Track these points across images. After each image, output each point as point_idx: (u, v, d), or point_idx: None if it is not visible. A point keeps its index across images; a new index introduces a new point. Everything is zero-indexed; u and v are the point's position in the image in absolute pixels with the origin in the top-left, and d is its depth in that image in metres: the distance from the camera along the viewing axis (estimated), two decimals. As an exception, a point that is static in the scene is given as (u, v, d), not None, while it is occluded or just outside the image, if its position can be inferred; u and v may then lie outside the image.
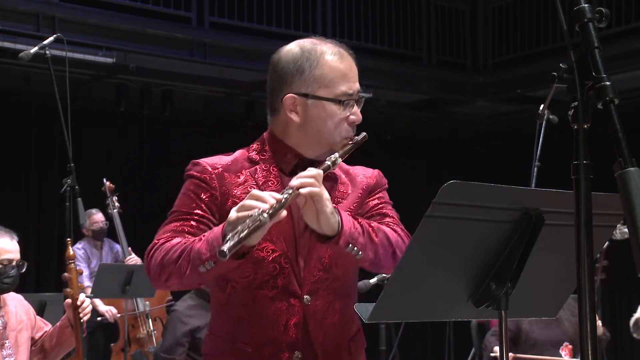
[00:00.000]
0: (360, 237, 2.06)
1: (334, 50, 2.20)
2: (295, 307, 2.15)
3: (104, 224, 7.40)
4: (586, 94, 1.53)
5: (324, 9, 9.04)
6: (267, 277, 2.14)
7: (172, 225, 2.17)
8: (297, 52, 2.19)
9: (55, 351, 3.67)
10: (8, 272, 3.61)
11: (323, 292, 2.17)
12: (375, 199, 2.28)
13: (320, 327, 2.17)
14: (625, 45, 8.26)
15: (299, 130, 2.18)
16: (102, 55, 7.60)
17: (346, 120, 2.18)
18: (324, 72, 2.16)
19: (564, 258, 1.89)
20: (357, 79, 2.22)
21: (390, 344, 6.85)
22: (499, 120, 10.80)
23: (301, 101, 2.16)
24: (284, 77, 2.18)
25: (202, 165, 2.20)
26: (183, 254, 2.05)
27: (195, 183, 2.19)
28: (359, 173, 2.31)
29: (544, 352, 5.14)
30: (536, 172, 5.26)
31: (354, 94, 2.19)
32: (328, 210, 2.01)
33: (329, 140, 2.18)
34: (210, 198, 2.17)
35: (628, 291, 9.46)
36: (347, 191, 2.24)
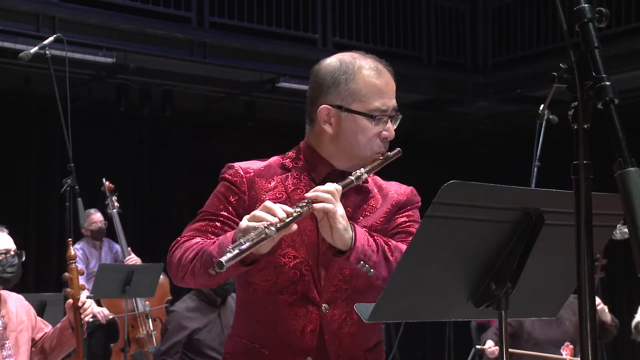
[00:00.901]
0: (373, 255, 2.08)
1: (371, 66, 2.23)
2: (313, 315, 2.18)
3: (102, 224, 7.39)
4: (586, 94, 1.53)
5: (324, 9, 9.05)
6: (287, 282, 2.18)
7: (197, 224, 2.22)
8: (335, 64, 2.22)
9: (56, 352, 3.67)
10: (10, 261, 3.63)
11: (342, 302, 2.19)
12: (404, 216, 2.29)
13: (335, 336, 2.19)
14: (625, 45, 8.27)
15: (332, 141, 2.22)
16: (102, 55, 7.60)
17: (378, 136, 2.21)
18: (359, 86, 2.19)
19: (564, 258, 1.89)
20: (394, 95, 2.25)
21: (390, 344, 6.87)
22: (499, 120, 10.80)
23: (335, 113, 2.19)
24: (321, 87, 2.22)
25: (235, 169, 2.25)
26: (198, 254, 2.10)
27: (226, 185, 2.24)
28: (392, 189, 2.33)
29: (545, 352, 5.14)
30: (536, 172, 5.26)
31: (388, 110, 2.22)
32: (341, 226, 2.04)
33: (359, 154, 2.21)
34: (238, 201, 2.21)
35: (628, 291, 9.47)
36: (377, 206, 2.27)
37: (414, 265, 1.83)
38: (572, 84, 1.55)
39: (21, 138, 8.50)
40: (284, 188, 2.21)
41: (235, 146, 7.50)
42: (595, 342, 1.54)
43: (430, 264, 1.84)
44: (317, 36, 8.98)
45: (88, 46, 7.49)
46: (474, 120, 10.95)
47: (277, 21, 8.70)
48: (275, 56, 8.42)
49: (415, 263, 1.83)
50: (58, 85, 4.61)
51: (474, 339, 6.91)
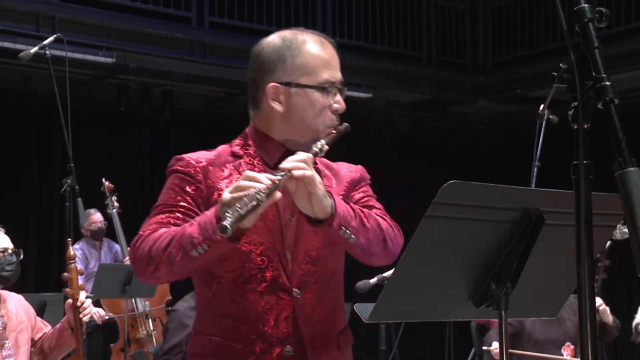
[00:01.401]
0: (352, 220, 2.03)
1: (315, 39, 2.18)
2: (285, 301, 2.11)
3: (102, 224, 7.39)
4: (586, 94, 1.53)
5: (324, 9, 9.05)
6: (255, 270, 2.10)
7: (157, 217, 2.14)
8: (278, 42, 2.17)
9: (55, 353, 3.67)
10: (8, 259, 3.64)
11: (312, 285, 2.14)
12: (360, 192, 2.26)
13: (309, 321, 2.13)
14: (625, 45, 8.26)
15: (282, 120, 2.16)
16: (102, 55, 7.60)
17: (329, 109, 2.16)
18: (306, 59, 2.15)
19: (564, 258, 1.89)
20: (339, 69, 2.20)
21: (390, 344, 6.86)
22: (499, 120, 10.80)
23: (284, 90, 2.14)
24: (266, 67, 2.16)
25: (186, 160, 2.18)
26: (173, 240, 2.01)
27: (180, 177, 2.16)
28: (342, 168, 2.29)
29: (546, 352, 5.13)
30: (536, 172, 5.25)
31: (337, 82, 2.17)
32: (320, 192, 1.98)
33: (312, 129, 2.16)
34: (196, 191, 2.14)
35: (628, 291, 9.46)
36: (330, 185, 2.21)
37: (414, 265, 1.83)
38: (572, 84, 1.55)
39: (21, 138, 8.50)
40: (238, 175, 2.12)
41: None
42: (595, 342, 1.54)
43: (430, 264, 1.84)
44: (317, 36, 8.97)
45: (88, 46, 7.49)
46: (474, 120, 10.95)
47: (277, 21, 8.70)
48: (275, 56, 8.41)
49: (415, 263, 1.83)
50: (58, 85, 4.61)
51: (474, 339, 6.91)
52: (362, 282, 4.31)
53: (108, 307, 6.99)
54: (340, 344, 2.22)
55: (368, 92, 9.06)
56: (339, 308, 2.23)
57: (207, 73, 8.56)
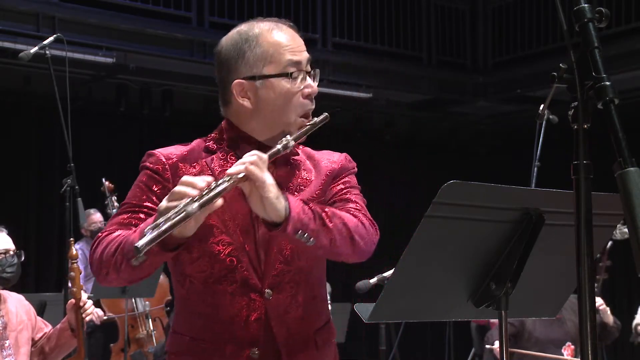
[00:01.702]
0: (311, 222, 1.93)
1: (270, 26, 2.12)
2: (256, 302, 2.04)
3: (102, 224, 7.39)
4: (586, 94, 1.53)
5: (324, 9, 9.05)
6: (224, 271, 2.04)
7: (120, 217, 2.08)
8: (235, 37, 2.11)
9: (55, 353, 3.67)
10: (9, 261, 3.64)
11: (286, 285, 2.06)
12: (340, 183, 2.15)
13: (282, 322, 2.06)
14: (625, 45, 8.27)
15: (253, 115, 2.09)
16: (102, 55, 7.60)
17: (300, 94, 2.08)
18: (264, 48, 2.08)
19: (564, 258, 1.90)
20: (304, 49, 2.12)
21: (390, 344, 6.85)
22: (499, 120, 10.80)
23: (249, 85, 2.07)
24: (228, 65, 2.10)
25: (157, 156, 2.14)
26: (119, 247, 1.95)
27: (148, 174, 2.13)
28: (324, 158, 2.19)
29: (546, 351, 5.14)
30: (536, 172, 5.25)
31: (302, 64, 2.09)
32: (272, 195, 1.89)
33: (284, 121, 2.08)
34: (162, 190, 2.07)
35: (628, 291, 9.46)
36: (310, 178, 2.14)
37: (414, 265, 1.83)
38: (572, 84, 1.55)
39: (21, 138, 8.50)
40: (210, 172, 2.07)
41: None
42: (595, 343, 1.54)
43: (430, 264, 1.85)
44: (317, 36, 8.98)
45: (88, 46, 7.49)
46: (474, 120, 10.95)
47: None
48: (275, 56, 8.41)
49: (415, 263, 1.83)
50: (58, 85, 4.60)
51: (474, 339, 6.91)
52: (362, 282, 4.31)
53: (108, 307, 6.98)
54: (318, 343, 2.14)
55: (368, 92, 9.06)
56: (316, 305, 2.15)
57: (207, 73, 8.52)
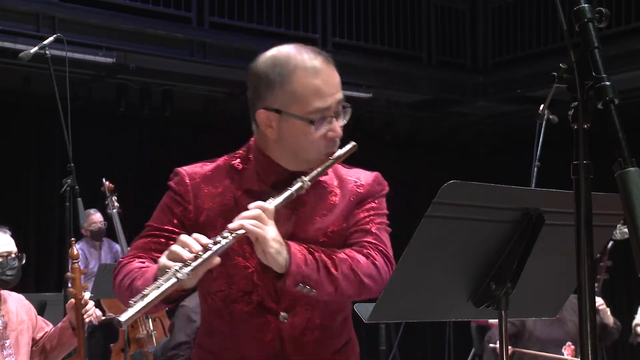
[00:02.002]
0: (313, 274, 1.95)
1: (307, 65, 2.01)
2: (271, 324, 2.06)
3: (102, 224, 7.39)
4: (586, 94, 1.53)
5: (324, 9, 9.04)
6: (241, 293, 2.06)
7: (141, 241, 2.12)
8: (269, 64, 2.04)
9: (56, 352, 3.67)
10: (10, 263, 3.63)
11: (301, 308, 2.07)
12: (364, 210, 2.12)
13: (297, 344, 2.07)
14: (625, 45, 8.26)
15: (276, 144, 2.07)
16: (102, 55, 7.60)
17: (324, 138, 2.04)
18: (294, 87, 2.00)
19: (564, 258, 1.89)
20: (338, 89, 2.06)
21: (390, 344, 6.85)
22: (499, 120, 10.80)
23: (274, 117, 2.03)
24: (257, 89, 2.06)
25: (180, 176, 2.12)
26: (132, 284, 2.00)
27: (171, 196, 2.12)
28: (352, 180, 2.16)
29: (546, 351, 5.14)
30: (536, 172, 5.25)
31: (331, 108, 2.03)
32: (273, 251, 1.91)
33: (306, 157, 2.05)
34: (183, 212, 2.08)
35: (628, 291, 9.46)
36: (335, 202, 2.11)
37: (414, 265, 1.83)
38: (572, 84, 1.55)
39: (21, 138, 8.50)
40: (232, 194, 2.07)
41: (235, 146, 7.48)
42: (595, 343, 1.54)
43: (430, 264, 1.85)
44: (317, 36, 8.98)
45: (88, 46, 7.49)
46: (474, 120, 10.95)
47: (277, 21, 8.70)
48: (275, 56, 8.40)
49: (415, 263, 1.83)
50: (58, 85, 4.60)
51: (474, 339, 6.91)
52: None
53: (108, 307, 6.98)
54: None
55: (368, 92, 9.06)
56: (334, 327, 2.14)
57: (207, 73, 8.56)
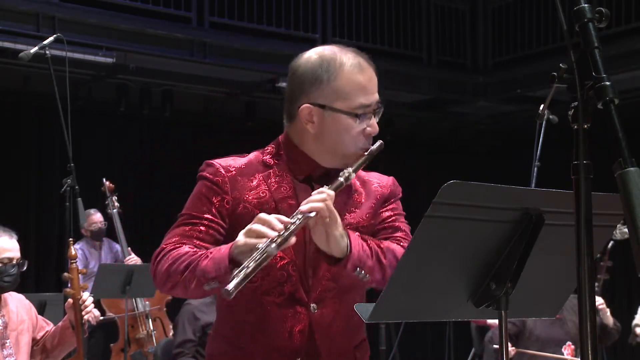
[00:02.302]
0: (368, 260, 2.05)
1: (353, 62, 2.17)
2: (301, 315, 2.13)
3: (102, 224, 7.40)
4: (586, 94, 1.53)
5: (324, 9, 9.04)
6: (274, 283, 2.12)
7: (180, 229, 2.15)
8: (316, 61, 2.16)
9: (57, 351, 3.68)
10: (8, 270, 3.62)
11: (330, 300, 2.15)
12: (388, 210, 2.25)
13: (326, 335, 2.15)
14: (625, 45, 8.27)
15: (315, 140, 2.16)
16: (102, 55, 7.60)
17: (362, 133, 2.16)
18: (342, 83, 2.13)
19: (564, 258, 1.89)
20: (376, 90, 2.19)
21: (390, 344, 6.86)
22: (499, 120, 10.80)
23: (318, 112, 2.13)
24: (301, 85, 2.15)
25: (216, 167, 2.17)
26: (189, 267, 2.03)
27: (207, 185, 2.16)
28: (374, 181, 2.28)
29: (547, 350, 5.15)
30: (536, 172, 5.26)
31: (372, 106, 2.16)
32: (337, 233, 2.00)
33: (344, 152, 2.15)
34: (221, 202, 2.14)
35: (628, 291, 9.46)
36: (361, 200, 2.22)
37: (414, 265, 1.83)
38: (572, 84, 1.55)
39: (21, 138, 8.50)
40: (267, 186, 2.15)
41: (235, 146, 7.46)
42: (595, 342, 1.54)
43: (430, 264, 1.84)
44: (317, 36, 8.98)
45: (88, 46, 7.49)
46: (474, 120, 10.95)
47: (277, 21, 8.70)
48: (275, 56, 8.41)
49: (415, 263, 1.83)
50: (58, 85, 4.61)
51: (474, 339, 6.91)
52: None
53: (108, 307, 6.99)
54: (357, 357, 2.24)
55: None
56: (356, 323, 2.22)
57: (207, 73, 8.56)
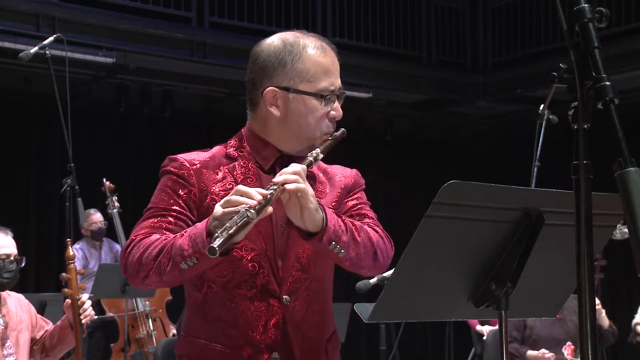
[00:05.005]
0: (343, 235, 2.02)
1: (316, 44, 2.15)
2: (274, 307, 2.11)
3: (102, 224, 7.40)
4: (586, 94, 1.53)
5: (324, 9, 9.05)
6: (246, 276, 2.09)
7: (149, 221, 2.11)
8: (279, 45, 2.14)
9: (57, 350, 3.68)
10: (7, 266, 3.62)
11: (302, 292, 2.14)
12: (353, 199, 2.24)
13: (299, 328, 2.13)
14: (625, 45, 8.27)
15: (279, 124, 2.14)
16: (102, 55, 7.60)
17: (327, 116, 2.14)
18: (306, 66, 2.12)
19: (564, 258, 1.90)
20: (339, 75, 2.18)
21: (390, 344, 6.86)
22: (499, 120, 10.80)
23: (282, 95, 2.12)
24: (265, 70, 2.14)
25: (180, 161, 2.15)
26: (163, 250, 2.00)
27: (173, 179, 2.14)
28: (337, 172, 2.27)
29: (547, 350, 5.15)
30: (536, 172, 5.26)
31: (336, 90, 2.15)
32: (312, 206, 1.98)
33: (309, 135, 2.14)
34: (188, 194, 2.12)
35: (628, 291, 9.46)
36: (325, 190, 2.21)
37: (414, 265, 1.83)
38: (572, 84, 1.55)
39: (21, 138, 8.50)
40: (232, 178, 2.13)
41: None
42: (595, 342, 1.54)
43: (430, 264, 1.84)
44: (317, 36, 8.97)
45: (88, 46, 7.49)
46: (474, 120, 10.95)
47: (277, 21, 8.70)
48: (275, 56, 8.40)
49: (415, 263, 1.83)
50: (58, 85, 4.60)
51: (474, 339, 6.91)
52: (362, 282, 4.31)
53: (108, 307, 6.99)
54: (329, 351, 2.22)
55: (368, 92, 9.06)
56: (328, 314, 2.23)
57: (207, 73, 8.56)
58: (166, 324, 7.04)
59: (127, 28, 7.86)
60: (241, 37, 8.45)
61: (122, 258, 2.10)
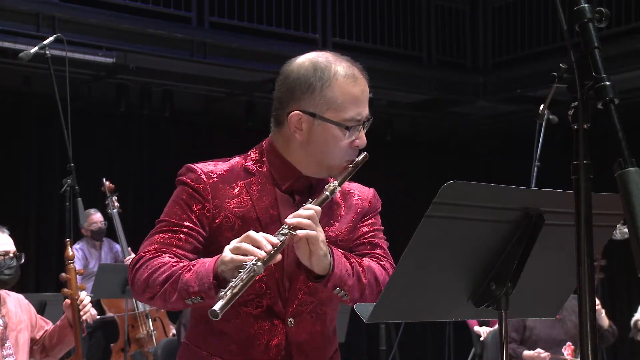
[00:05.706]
0: (349, 279, 2.04)
1: (348, 72, 2.10)
2: (278, 328, 2.12)
3: (102, 224, 7.40)
4: (586, 94, 1.53)
5: (324, 9, 9.05)
6: (252, 295, 2.09)
7: (159, 236, 2.10)
8: (309, 67, 2.10)
9: (57, 349, 3.68)
10: (7, 263, 3.63)
11: (307, 315, 2.14)
12: (367, 224, 2.23)
13: (301, 350, 2.14)
14: (625, 45, 8.27)
15: (301, 148, 2.12)
16: (102, 55, 7.60)
17: (350, 145, 2.12)
18: (335, 94, 2.08)
19: (564, 258, 1.89)
20: (368, 103, 2.14)
21: (390, 344, 6.86)
22: (499, 120, 10.80)
23: (307, 119, 2.09)
24: (293, 91, 2.10)
25: (197, 173, 2.13)
26: (170, 279, 2.00)
27: (188, 192, 2.12)
28: (355, 193, 2.25)
29: (547, 350, 5.16)
30: (536, 172, 5.26)
31: (362, 119, 2.12)
32: (322, 253, 1.99)
33: (330, 164, 2.13)
34: (202, 210, 2.10)
35: (628, 291, 9.46)
36: (341, 213, 2.19)
37: (414, 265, 1.83)
38: (572, 84, 1.55)
39: (21, 138, 8.50)
40: (248, 195, 2.11)
41: (235, 146, 7.46)
42: (595, 342, 1.54)
43: (430, 264, 1.84)
44: (317, 36, 8.98)
45: (88, 46, 7.49)
46: (474, 120, 10.95)
47: (277, 21, 8.70)
48: (275, 56, 8.40)
49: (415, 263, 1.83)
50: (58, 85, 4.60)
51: (474, 339, 6.91)
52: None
53: (108, 307, 6.99)
54: None
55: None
56: (331, 334, 2.24)
57: (207, 73, 8.56)
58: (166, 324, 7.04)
59: (127, 28, 7.86)
60: (241, 37, 8.46)
61: (129, 272, 2.10)
